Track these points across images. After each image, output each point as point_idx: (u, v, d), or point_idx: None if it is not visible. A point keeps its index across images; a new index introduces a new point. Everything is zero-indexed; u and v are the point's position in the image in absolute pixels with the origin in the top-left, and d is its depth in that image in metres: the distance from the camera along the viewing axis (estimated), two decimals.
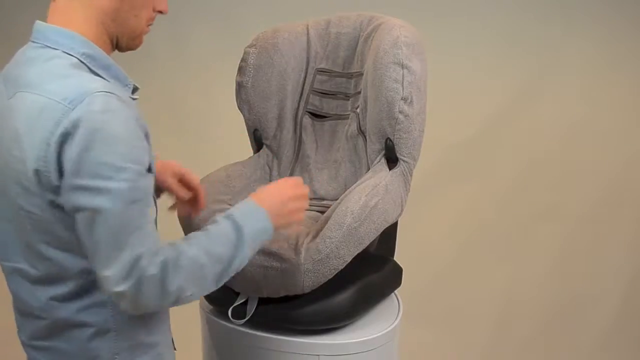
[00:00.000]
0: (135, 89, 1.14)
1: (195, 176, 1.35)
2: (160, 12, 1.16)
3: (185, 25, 2.47)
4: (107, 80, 1.06)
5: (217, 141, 2.44)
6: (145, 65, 2.45)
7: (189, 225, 1.43)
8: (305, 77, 1.62)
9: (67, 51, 1.05)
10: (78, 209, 0.98)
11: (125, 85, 1.11)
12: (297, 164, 1.62)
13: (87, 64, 1.06)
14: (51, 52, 1.05)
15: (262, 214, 1.13)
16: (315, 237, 1.32)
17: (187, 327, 1.59)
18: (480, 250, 2.60)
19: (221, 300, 1.41)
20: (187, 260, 1.03)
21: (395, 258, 1.58)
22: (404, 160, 1.41)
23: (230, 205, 1.49)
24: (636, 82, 2.54)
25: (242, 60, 1.58)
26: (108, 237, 0.97)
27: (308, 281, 1.30)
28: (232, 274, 1.09)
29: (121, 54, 1.15)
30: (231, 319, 1.39)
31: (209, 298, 1.45)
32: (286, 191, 1.18)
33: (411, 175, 1.43)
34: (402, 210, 1.42)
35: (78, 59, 1.05)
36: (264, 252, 1.33)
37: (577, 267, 2.61)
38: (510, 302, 2.63)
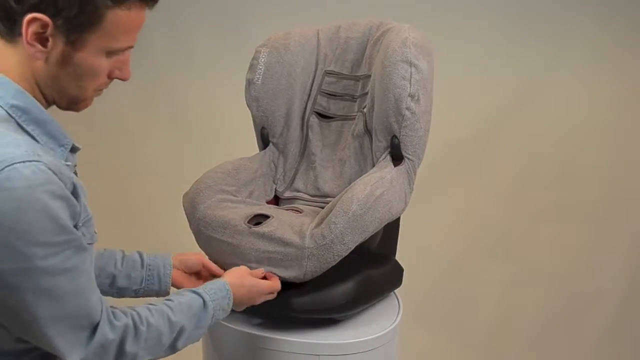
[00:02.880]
0: (74, 149, 1.03)
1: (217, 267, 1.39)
2: (120, 79, 1.04)
3: (186, 26, 2.48)
4: (36, 139, 0.95)
5: (218, 142, 2.44)
6: (145, 65, 2.46)
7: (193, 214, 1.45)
8: (314, 78, 1.65)
9: None
10: (13, 293, 0.89)
11: (60, 145, 0.99)
12: (302, 162, 1.64)
13: (16, 118, 0.94)
14: None
15: (227, 292, 1.19)
16: (319, 223, 1.34)
17: None
18: (480, 251, 2.60)
19: None
20: (147, 329, 1.04)
21: (396, 258, 1.59)
22: (408, 159, 1.43)
23: (234, 196, 1.50)
24: (636, 82, 2.55)
25: (254, 58, 1.61)
26: (59, 313, 0.92)
27: (311, 266, 1.31)
28: (189, 343, 1.12)
29: None
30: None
31: None
32: (260, 291, 1.28)
33: (415, 174, 1.46)
34: (405, 206, 1.44)
35: (6, 111, 0.93)
36: (267, 237, 1.34)
37: (577, 267, 2.61)
38: (510, 302, 2.63)
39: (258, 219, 1.40)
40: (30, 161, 0.88)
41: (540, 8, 2.48)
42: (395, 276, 1.55)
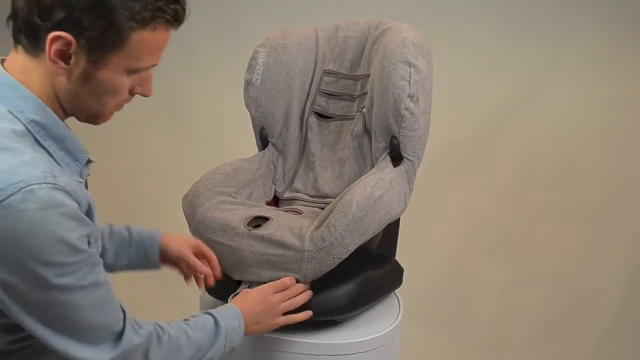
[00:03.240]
0: (89, 161, 1.04)
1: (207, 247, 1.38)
2: (142, 95, 1.05)
3: (186, 26, 2.47)
4: (52, 154, 0.96)
5: (218, 141, 2.44)
6: None
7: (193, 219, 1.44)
8: (313, 78, 1.65)
9: (15, 113, 0.94)
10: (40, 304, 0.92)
11: (76, 159, 1.01)
12: (301, 162, 1.63)
13: (34, 133, 0.95)
14: None
15: (236, 313, 1.20)
16: (319, 226, 1.34)
17: None
18: (480, 251, 2.60)
19: (222, 292, 1.41)
20: (169, 339, 1.06)
21: (396, 258, 1.59)
22: (408, 159, 1.43)
23: (234, 198, 1.50)
24: (636, 82, 2.54)
25: (252, 58, 1.61)
26: (75, 326, 0.95)
27: (311, 269, 1.31)
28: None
29: None
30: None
31: (210, 290, 1.46)
32: (269, 295, 1.27)
33: (415, 175, 1.45)
34: (405, 207, 1.44)
35: (25, 126, 0.94)
36: (267, 240, 1.33)
37: (577, 267, 2.61)
38: (510, 302, 2.63)
39: (257, 221, 1.40)
40: (46, 183, 0.89)
41: (540, 8, 2.48)
42: (395, 276, 1.55)
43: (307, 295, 1.32)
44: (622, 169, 2.57)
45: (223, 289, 1.41)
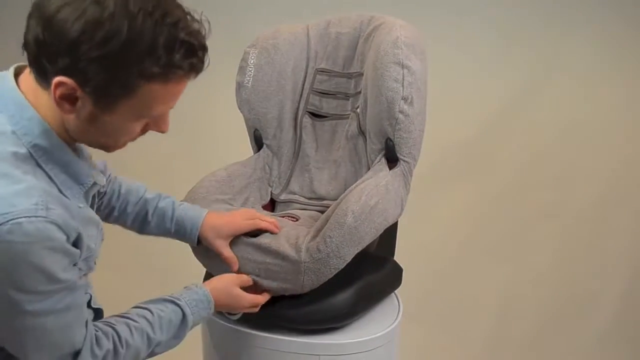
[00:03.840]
0: (94, 184, 1.03)
1: (268, 222, 1.37)
2: (157, 131, 1.01)
3: None
4: (52, 179, 0.94)
5: (216, 143, 2.44)
6: None
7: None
8: (305, 77, 1.63)
9: (19, 135, 0.92)
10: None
11: (80, 183, 0.99)
12: (297, 164, 1.62)
13: (37, 157, 0.93)
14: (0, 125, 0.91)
15: (209, 302, 1.21)
16: (315, 236, 1.32)
17: None
18: (480, 250, 2.60)
19: None
20: (126, 350, 1.06)
21: (395, 258, 1.58)
22: (404, 160, 1.41)
23: (230, 204, 1.49)
24: (636, 82, 2.54)
25: (243, 60, 1.59)
26: (43, 344, 0.95)
27: (308, 280, 1.30)
28: (165, 351, 1.15)
29: None
30: (227, 316, 1.39)
31: None
32: (242, 304, 1.28)
33: (411, 175, 1.44)
34: (402, 210, 1.42)
35: (28, 150, 0.92)
36: (264, 250, 1.33)
37: (576, 267, 2.61)
38: (509, 302, 2.63)
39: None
40: (36, 217, 0.87)
41: (540, 8, 2.48)
42: (394, 277, 1.54)
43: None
44: (622, 169, 2.57)
45: None
